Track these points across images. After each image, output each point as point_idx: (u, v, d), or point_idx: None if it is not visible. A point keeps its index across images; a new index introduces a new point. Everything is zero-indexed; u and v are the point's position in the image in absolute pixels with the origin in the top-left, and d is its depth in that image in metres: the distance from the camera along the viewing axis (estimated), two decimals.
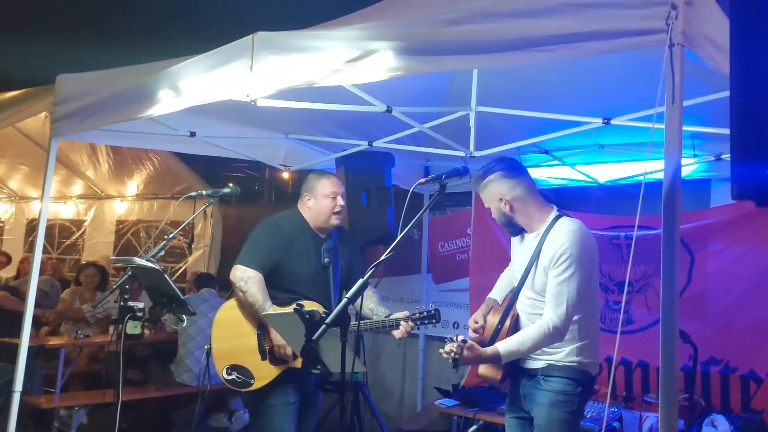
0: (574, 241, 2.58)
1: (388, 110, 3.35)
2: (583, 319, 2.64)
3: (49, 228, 8.30)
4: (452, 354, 2.44)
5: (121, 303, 2.73)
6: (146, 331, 4.55)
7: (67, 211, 8.63)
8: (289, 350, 3.15)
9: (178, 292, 2.77)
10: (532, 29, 1.91)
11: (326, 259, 3.36)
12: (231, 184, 3.24)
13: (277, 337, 3.16)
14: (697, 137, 3.86)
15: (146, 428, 5.40)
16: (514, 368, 2.74)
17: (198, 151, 4.55)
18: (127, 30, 4.58)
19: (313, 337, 2.15)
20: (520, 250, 2.83)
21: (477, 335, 2.82)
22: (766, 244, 3.88)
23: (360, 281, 2.32)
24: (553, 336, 2.56)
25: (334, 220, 3.37)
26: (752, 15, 1.19)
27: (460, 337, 2.50)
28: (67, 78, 3.42)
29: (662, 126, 3.05)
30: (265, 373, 3.22)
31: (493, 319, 2.78)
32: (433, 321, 3.21)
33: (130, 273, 2.77)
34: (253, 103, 2.73)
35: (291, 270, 3.28)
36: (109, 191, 8.29)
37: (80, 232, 8.56)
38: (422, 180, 2.58)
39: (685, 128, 3.26)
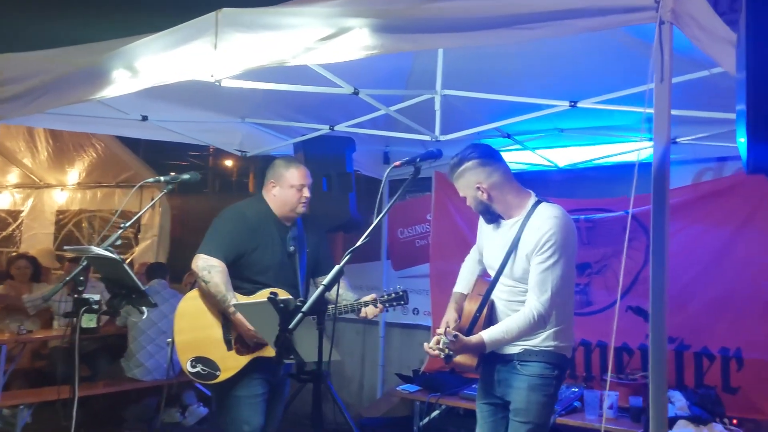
0: (559, 228, 2.56)
1: (355, 92, 3.27)
2: (562, 304, 2.63)
3: None
4: (446, 351, 2.44)
5: (76, 295, 2.56)
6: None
7: (2, 201, 8.19)
8: (258, 335, 3.06)
9: (139, 283, 2.62)
10: (517, 6, 1.86)
11: (291, 248, 3.28)
12: (191, 172, 3.07)
13: (242, 325, 3.06)
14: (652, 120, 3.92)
15: (96, 426, 5.20)
16: (489, 354, 2.70)
17: (150, 136, 4.36)
18: (77, 4, 4.31)
19: (290, 326, 2.07)
20: (496, 237, 2.79)
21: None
22: (720, 226, 3.99)
23: (336, 268, 2.24)
24: (538, 323, 2.56)
25: (300, 209, 3.29)
26: None
27: (450, 332, 2.48)
28: (11, 57, 3.19)
29: (636, 109, 3.08)
30: (231, 364, 3.12)
31: (470, 307, 2.75)
32: (402, 302, 3.21)
33: (85, 263, 2.61)
34: (217, 83, 2.61)
35: (256, 259, 3.19)
36: (48, 180, 7.90)
37: (17, 223, 8.14)
38: (397, 163, 2.50)
39: (641, 110, 3.34)
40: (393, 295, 3.21)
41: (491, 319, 2.69)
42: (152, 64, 2.66)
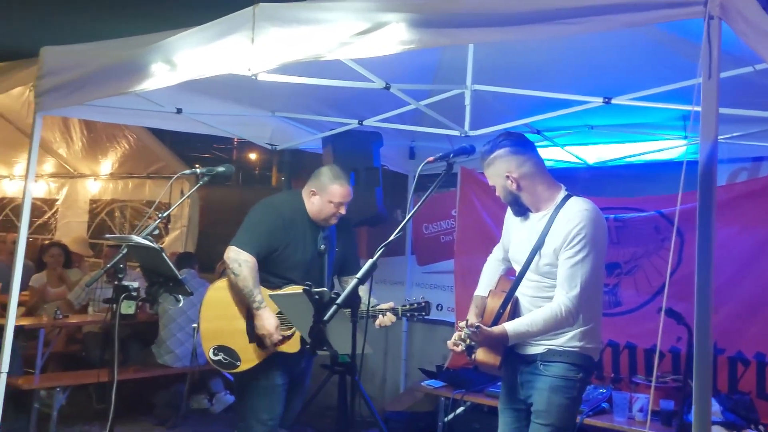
0: (589, 221, 2.48)
1: (387, 87, 3.28)
2: (589, 302, 2.54)
3: (19, 207, 8.06)
4: (468, 341, 2.38)
5: (116, 282, 2.63)
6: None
7: (38, 189, 8.36)
8: (276, 338, 3.10)
9: (176, 272, 2.68)
10: (558, 0, 1.85)
11: (322, 246, 3.30)
12: (226, 164, 3.11)
13: (263, 326, 3.11)
14: (689, 119, 3.86)
15: (126, 410, 5.31)
16: (511, 355, 2.63)
17: (184, 128, 4.42)
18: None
19: (324, 318, 2.10)
20: (523, 230, 2.71)
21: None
22: (754, 227, 3.92)
23: (369, 262, 2.25)
24: (566, 319, 2.47)
25: (332, 221, 3.32)
26: None
27: (472, 323, 2.43)
28: (53, 50, 3.27)
29: (671, 106, 3.02)
30: (251, 356, 3.18)
31: (494, 303, 2.66)
32: (423, 314, 3.16)
33: (124, 251, 2.67)
34: (254, 77, 2.63)
35: (287, 256, 3.23)
36: (82, 170, 8.06)
37: (52, 211, 8.31)
38: (431, 159, 2.50)
39: (679, 107, 3.29)
40: (415, 305, 3.15)
41: (515, 316, 2.60)
42: (190, 58, 2.71)
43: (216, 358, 3.18)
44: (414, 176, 2.56)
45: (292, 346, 3.17)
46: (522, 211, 2.72)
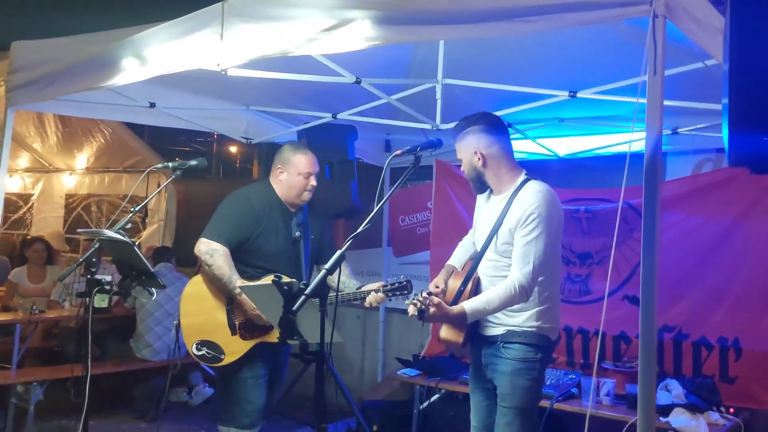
0: (543, 202, 2.59)
1: (357, 81, 3.33)
2: (545, 282, 2.65)
3: None
4: (418, 305, 2.44)
5: (88, 276, 2.65)
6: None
7: (13, 184, 8.30)
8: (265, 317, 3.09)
9: (148, 265, 2.71)
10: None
11: (297, 233, 3.32)
12: (198, 158, 3.14)
13: (251, 309, 3.13)
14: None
15: (106, 404, 5.33)
16: (475, 335, 2.74)
17: (157, 123, 4.44)
18: None
19: (293, 308, 2.15)
20: (485, 212, 2.83)
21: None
22: (719, 217, 4.02)
23: (337, 253, 2.31)
24: (520, 295, 2.56)
25: (306, 197, 3.32)
26: None
27: (425, 292, 2.52)
28: (24, 45, 3.28)
29: (633, 99, 3.11)
30: (235, 348, 3.20)
31: (455, 282, 2.77)
32: (405, 292, 3.21)
33: (97, 245, 2.70)
34: (223, 72, 2.67)
35: (260, 245, 3.24)
36: (57, 164, 8.01)
37: (28, 206, 8.26)
38: (398, 152, 2.56)
39: (642, 101, 3.37)
40: (396, 284, 3.21)
41: (476, 294, 2.70)
42: (160, 53, 2.74)
43: (199, 353, 3.19)
44: (384, 169, 2.61)
45: (273, 336, 3.20)
46: (482, 188, 2.83)
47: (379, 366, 5.81)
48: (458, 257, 3.02)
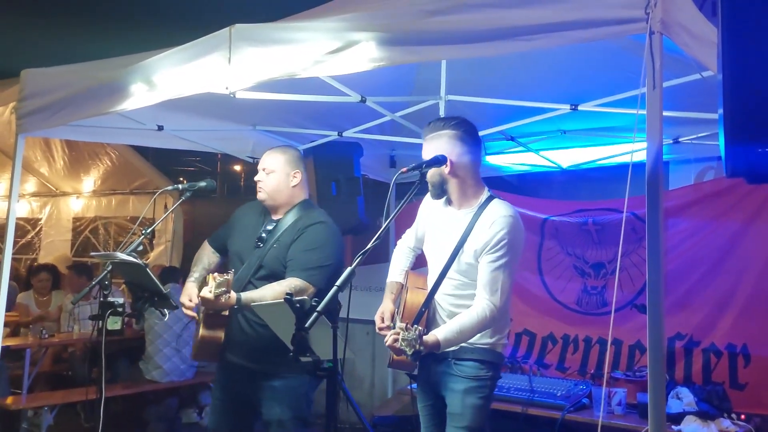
0: (512, 228, 2.54)
1: (363, 100, 3.39)
2: (505, 303, 2.59)
3: (1, 227, 8.07)
4: (416, 346, 2.27)
5: (101, 299, 2.69)
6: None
7: (20, 209, 8.35)
8: (208, 296, 2.64)
9: (161, 287, 2.74)
10: (514, 19, 1.97)
11: (263, 235, 3.04)
12: (207, 179, 3.16)
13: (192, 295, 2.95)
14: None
15: (117, 427, 5.33)
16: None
17: (166, 145, 4.50)
18: (96, 21, 4.45)
19: (305, 325, 2.17)
20: (443, 225, 2.70)
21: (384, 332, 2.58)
22: (724, 224, 4.05)
23: (348, 269, 2.33)
24: (489, 323, 2.52)
25: (258, 195, 3.05)
26: None
27: (417, 327, 2.31)
28: (34, 72, 3.34)
29: (634, 111, 3.16)
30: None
31: (415, 299, 2.64)
32: None
33: (110, 268, 2.74)
34: (231, 95, 2.72)
35: (230, 245, 3.14)
36: (64, 188, 8.07)
37: (35, 230, 8.32)
38: (404, 169, 2.55)
39: (642, 112, 3.42)
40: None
41: (434, 315, 2.64)
42: (169, 78, 2.80)
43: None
44: (391, 185, 2.63)
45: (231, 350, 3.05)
46: (440, 194, 2.68)
47: (389, 381, 5.81)
48: (398, 270, 2.90)
